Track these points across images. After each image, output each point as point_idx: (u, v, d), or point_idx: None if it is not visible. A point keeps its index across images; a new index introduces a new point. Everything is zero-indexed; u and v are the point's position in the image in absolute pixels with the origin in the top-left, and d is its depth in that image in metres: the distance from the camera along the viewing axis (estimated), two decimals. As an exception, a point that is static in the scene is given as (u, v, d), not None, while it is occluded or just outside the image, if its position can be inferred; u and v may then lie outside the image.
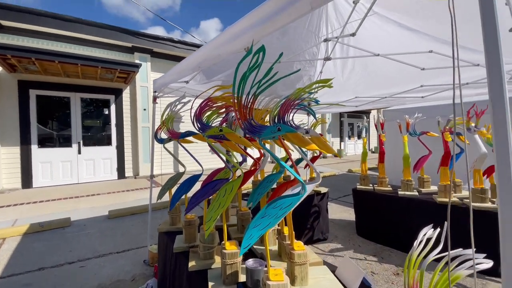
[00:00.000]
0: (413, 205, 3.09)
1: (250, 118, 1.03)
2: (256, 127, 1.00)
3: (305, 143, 1.02)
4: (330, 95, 3.88)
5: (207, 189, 1.55)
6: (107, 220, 4.33)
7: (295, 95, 1.20)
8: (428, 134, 3.35)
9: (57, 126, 6.95)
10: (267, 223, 0.99)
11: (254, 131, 1.01)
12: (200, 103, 1.28)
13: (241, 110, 1.03)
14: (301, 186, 1.05)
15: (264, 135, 1.02)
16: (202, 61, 1.75)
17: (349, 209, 4.78)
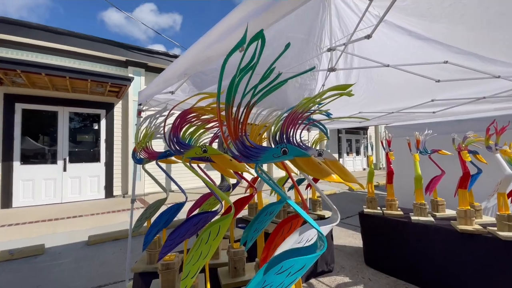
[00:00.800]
0: (430, 233, 2.74)
1: (243, 134, 0.71)
2: (252, 150, 0.69)
3: (322, 173, 0.70)
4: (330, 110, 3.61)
5: (187, 226, 1.20)
6: (85, 247, 3.88)
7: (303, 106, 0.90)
8: (440, 152, 3.07)
9: (42, 142, 6.58)
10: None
11: (249, 155, 0.69)
12: (179, 115, 0.97)
13: (231, 124, 0.72)
14: (317, 236, 0.72)
15: (264, 160, 0.70)
16: (189, 67, 1.46)
17: (355, 233, 4.39)
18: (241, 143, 0.68)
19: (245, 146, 0.67)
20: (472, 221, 2.60)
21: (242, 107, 0.73)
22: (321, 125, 1.05)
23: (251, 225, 1.30)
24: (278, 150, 0.68)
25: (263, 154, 0.68)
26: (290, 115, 0.93)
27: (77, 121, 7.12)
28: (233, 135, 0.70)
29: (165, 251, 1.20)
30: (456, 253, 2.55)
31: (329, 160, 0.94)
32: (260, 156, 0.69)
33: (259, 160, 0.69)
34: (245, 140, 0.67)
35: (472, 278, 2.46)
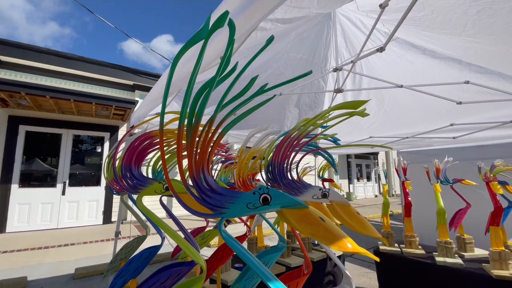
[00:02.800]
0: (459, 278, 2.32)
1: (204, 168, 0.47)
2: (212, 195, 0.44)
3: (326, 236, 0.44)
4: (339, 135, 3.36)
5: (153, 284, 0.93)
6: (70, 281, 3.55)
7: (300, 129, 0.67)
8: (464, 182, 2.73)
9: (43, 164, 6.48)
10: None
11: (209, 204, 0.44)
12: (133, 141, 0.74)
13: (193, 152, 0.47)
14: None
15: (233, 213, 0.45)
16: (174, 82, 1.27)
17: (369, 272, 3.92)
18: (197, 183, 0.43)
19: (201, 189, 0.43)
20: (508, 264, 2.20)
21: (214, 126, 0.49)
22: (325, 153, 0.80)
23: (238, 280, 1.02)
24: (256, 198, 0.43)
25: (229, 203, 0.44)
26: (284, 141, 0.69)
27: (80, 143, 7.07)
28: (193, 172, 0.45)
29: (121, 319, 0.91)
30: (493, 304, 2.13)
31: (338, 204, 0.68)
32: (226, 207, 0.44)
33: (223, 213, 0.44)
34: (201, 179, 0.43)
35: None
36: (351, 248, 0.42)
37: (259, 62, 2.13)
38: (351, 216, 0.69)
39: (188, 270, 0.95)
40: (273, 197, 0.44)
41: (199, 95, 0.48)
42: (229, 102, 0.55)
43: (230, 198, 0.43)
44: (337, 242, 0.43)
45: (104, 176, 1.22)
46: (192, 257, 0.73)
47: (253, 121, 2.95)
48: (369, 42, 1.95)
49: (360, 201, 12.65)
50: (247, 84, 0.59)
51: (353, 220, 0.67)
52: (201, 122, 0.46)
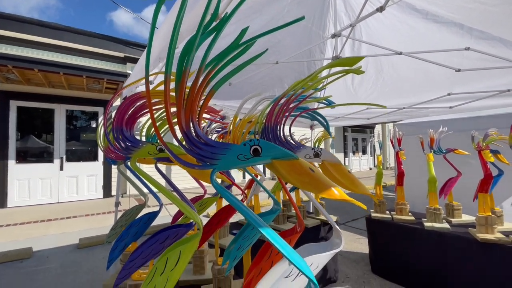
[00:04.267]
0: (446, 241, 2.45)
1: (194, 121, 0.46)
2: (204, 147, 0.44)
3: (316, 184, 0.44)
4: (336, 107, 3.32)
5: (152, 244, 0.96)
6: (75, 251, 3.69)
7: (293, 90, 0.65)
8: (457, 151, 2.77)
9: (38, 140, 6.43)
10: None
11: (200, 156, 0.44)
12: (123, 102, 0.72)
13: (182, 105, 0.46)
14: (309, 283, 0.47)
15: (224, 164, 0.45)
16: (162, 49, 1.22)
17: (360, 238, 4.12)
18: (187, 134, 0.43)
19: (191, 140, 0.42)
20: (494, 229, 2.31)
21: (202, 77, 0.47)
22: (319, 116, 0.79)
23: (235, 240, 1.06)
24: (247, 149, 0.43)
25: (221, 154, 0.43)
26: (276, 104, 0.68)
27: (74, 119, 6.96)
28: (182, 123, 0.44)
29: (123, 276, 0.96)
30: (475, 264, 2.27)
31: (330, 163, 0.68)
32: (217, 158, 0.44)
33: (215, 164, 0.44)
34: (191, 131, 0.42)
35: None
36: (339, 195, 0.43)
37: (253, 28, 2.03)
38: (343, 175, 0.70)
39: (186, 231, 0.98)
40: (263, 149, 0.43)
41: (187, 44, 0.46)
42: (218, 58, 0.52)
43: (221, 150, 0.43)
44: (326, 190, 0.44)
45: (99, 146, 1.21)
46: (188, 214, 0.75)
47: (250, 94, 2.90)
48: (369, 6, 1.86)
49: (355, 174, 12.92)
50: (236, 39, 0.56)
51: (344, 179, 0.69)
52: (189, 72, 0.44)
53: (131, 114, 0.71)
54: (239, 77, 2.24)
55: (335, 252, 0.63)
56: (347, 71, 0.64)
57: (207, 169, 0.44)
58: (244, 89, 2.48)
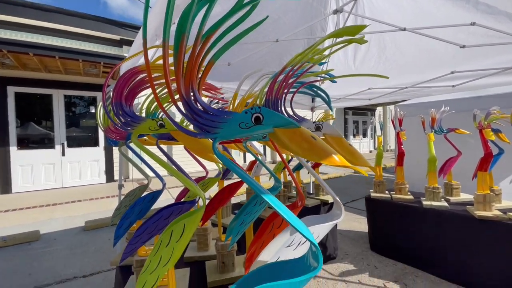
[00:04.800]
0: (444, 219, 2.51)
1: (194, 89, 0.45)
2: (204, 116, 0.43)
3: (318, 151, 0.45)
4: (337, 86, 3.28)
5: (156, 220, 0.98)
6: (81, 233, 3.79)
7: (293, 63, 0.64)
8: (458, 131, 2.76)
9: (38, 126, 6.42)
10: None
11: (201, 125, 0.44)
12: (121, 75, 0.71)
13: (181, 72, 0.45)
14: (309, 249, 0.49)
15: (225, 133, 0.45)
16: (158, 25, 1.18)
17: (360, 217, 4.21)
18: (188, 103, 0.42)
19: (192, 109, 0.42)
20: (492, 206, 2.35)
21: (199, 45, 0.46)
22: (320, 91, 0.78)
23: (238, 216, 1.08)
24: (248, 117, 0.43)
25: (222, 123, 0.43)
26: (276, 79, 0.67)
27: (73, 104, 6.90)
28: (181, 90, 0.44)
29: (129, 251, 0.99)
30: (472, 241, 2.33)
31: (331, 137, 0.68)
32: (219, 127, 0.43)
33: (216, 133, 0.44)
34: (191, 100, 0.42)
35: (489, 267, 2.25)
36: (340, 162, 0.43)
37: (253, 5, 1.96)
38: (344, 148, 0.70)
39: (189, 208, 1.00)
40: (265, 117, 0.43)
41: (185, 11, 0.44)
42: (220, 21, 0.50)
43: (222, 118, 0.43)
44: (328, 157, 0.44)
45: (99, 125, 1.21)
46: (191, 188, 0.76)
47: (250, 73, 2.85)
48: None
49: (355, 157, 12.99)
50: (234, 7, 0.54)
51: (345, 152, 0.69)
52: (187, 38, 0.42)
53: (130, 89, 0.70)
54: (238, 56, 2.20)
55: (335, 222, 0.65)
56: (350, 40, 0.62)
57: (209, 137, 0.44)
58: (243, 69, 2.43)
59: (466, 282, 2.36)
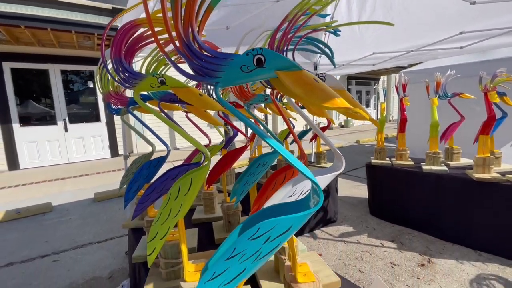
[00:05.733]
0: (443, 183, 2.56)
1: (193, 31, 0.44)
2: (204, 58, 0.43)
3: (320, 94, 0.45)
4: (340, 52, 3.18)
5: (164, 180, 1.02)
6: (92, 204, 3.95)
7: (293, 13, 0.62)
8: (462, 96, 2.71)
9: (38, 103, 6.39)
10: (237, 272, 0.46)
11: (201, 68, 0.44)
12: (119, 29, 0.69)
13: (179, 13, 0.44)
14: (312, 189, 0.51)
15: (228, 78, 0.45)
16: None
17: (360, 185, 4.31)
18: (187, 45, 0.42)
19: (193, 51, 0.42)
20: (491, 169, 2.39)
21: None
22: (321, 44, 0.76)
23: (241, 178, 1.11)
24: (250, 59, 0.43)
25: (224, 66, 0.43)
26: (276, 33, 0.65)
27: (71, 81, 6.79)
28: (180, 30, 0.43)
29: (139, 209, 1.04)
30: (470, 203, 2.40)
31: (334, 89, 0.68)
32: (220, 70, 0.44)
33: (218, 77, 0.44)
34: (191, 41, 0.41)
35: (485, 227, 2.34)
36: (342, 103, 0.44)
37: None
38: (347, 100, 0.70)
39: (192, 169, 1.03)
40: (267, 58, 0.43)
41: None
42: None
43: (223, 61, 0.43)
44: (331, 100, 0.45)
45: (99, 89, 1.20)
46: (196, 146, 0.78)
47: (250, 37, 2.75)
48: None
49: (357, 128, 12.98)
50: None
51: (352, 102, 0.69)
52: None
53: (129, 45, 0.68)
54: (237, 19, 2.10)
55: (337, 173, 0.67)
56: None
57: (210, 82, 0.44)
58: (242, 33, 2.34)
59: (462, 240, 2.48)
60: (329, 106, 0.45)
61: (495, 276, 2.03)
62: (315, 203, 0.47)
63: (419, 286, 1.96)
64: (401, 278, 2.07)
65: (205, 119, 1.10)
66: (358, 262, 2.30)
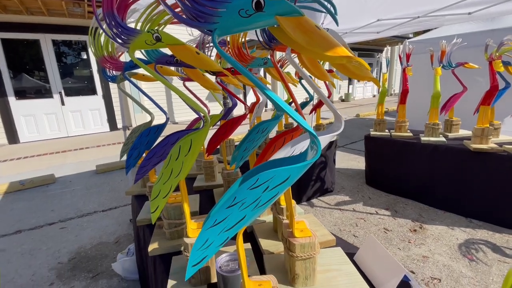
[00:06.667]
0: (439, 153, 2.60)
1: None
2: (199, 1, 0.41)
3: (321, 41, 0.44)
4: (343, 19, 3.04)
5: (165, 145, 1.03)
6: (94, 176, 4.02)
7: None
8: (466, 65, 2.64)
9: (32, 76, 6.22)
10: (238, 219, 0.48)
11: (198, 11, 0.42)
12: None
13: None
14: (311, 141, 0.52)
15: (225, 23, 0.43)
16: None
17: (358, 157, 4.37)
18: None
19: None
20: (489, 139, 2.40)
21: None
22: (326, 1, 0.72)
23: (241, 144, 1.12)
24: (248, 2, 0.41)
25: (221, 10, 0.41)
26: None
27: (63, 51, 6.54)
28: None
29: (141, 172, 1.06)
30: (466, 173, 2.45)
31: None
32: (217, 15, 0.42)
33: (216, 23, 0.42)
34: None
35: (480, 196, 2.40)
36: (343, 52, 0.43)
37: None
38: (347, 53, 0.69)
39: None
40: (266, 2, 0.41)
41: None
42: None
43: (220, 4, 0.41)
44: (333, 48, 0.43)
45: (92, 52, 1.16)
46: (196, 107, 0.77)
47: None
48: None
49: (358, 101, 12.83)
50: None
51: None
52: None
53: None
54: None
55: (336, 133, 0.67)
56: None
57: (207, 28, 0.43)
58: None
59: (454, 208, 2.58)
60: (331, 55, 0.44)
61: (484, 241, 2.13)
62: (314, 154, 0.48)
63: (409, 249, 2.07)
64: (393, 242, 2.17)
65: (203, 83, 1.08)
66: (352, 228, 2.40)
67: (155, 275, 1.10)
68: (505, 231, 2.22)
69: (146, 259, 1.31)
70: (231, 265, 0.74)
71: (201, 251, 0.48)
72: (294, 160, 0.55)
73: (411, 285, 0.85)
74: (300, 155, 0.55)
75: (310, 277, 0.81)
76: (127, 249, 2.11)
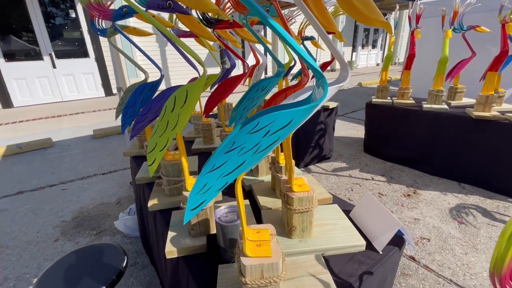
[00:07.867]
0: (440, 121, 2.57)
1: None
2: None
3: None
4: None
5: (160, 100, 0.99)
6: (92, 140, 4.00)
7: None
8: (478, 29, 2.50)
9: (20, 38, 5.87)
10: (237, 164, 0.46)
11: None
12: None
13: None
14: (317, 81, 0.48)
15: None
16: None
17: (357, 126, 4.35)
18: None
19: None
20: (491, 107, 2.36)
21: None
22: None
23: (240, 103, 1.08)
24: None
25: None
26: None
27: (50, 11, 6.08)
28: None
29: (136, 128, 1.03)
30: (466, 140, 2.44)
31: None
32: None
33: None
34: None
35: (475, 162, 2.43)
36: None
37: None
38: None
39: (190, 88, 0.99)
40: None
41: None
42: None
43: None
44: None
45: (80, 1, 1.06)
46: (193, 56, 0.72)
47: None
48: None
49: (361, 70, 12.46)
50: None
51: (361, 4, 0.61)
52: None
53: None
54: None
55: (343, 84, 0.63)
56: None
57: None
58: None
59: (449, 174, 2.62)
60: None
61: (475, 206, 2.20)
62: (319, 95, 0.45)
63: (402, 212, 2.15)
64: (386, 205, 2.24)
65: (200, 32, 1.01)
66: (348, 192, 2.46)
67: (155, 230, 1.13)
68: (497, 197, 2.29)
69: (147, 216, 1.34)
70: (230, 216, 0.75)
71: (200, 195, 0.47)
72: (297, 105, 0.52)
73: (404, 239, 0.87)
74: (304, 100, 0.52)
75: (307, 229, 0.82)
76: (128, 209, 2.17)
